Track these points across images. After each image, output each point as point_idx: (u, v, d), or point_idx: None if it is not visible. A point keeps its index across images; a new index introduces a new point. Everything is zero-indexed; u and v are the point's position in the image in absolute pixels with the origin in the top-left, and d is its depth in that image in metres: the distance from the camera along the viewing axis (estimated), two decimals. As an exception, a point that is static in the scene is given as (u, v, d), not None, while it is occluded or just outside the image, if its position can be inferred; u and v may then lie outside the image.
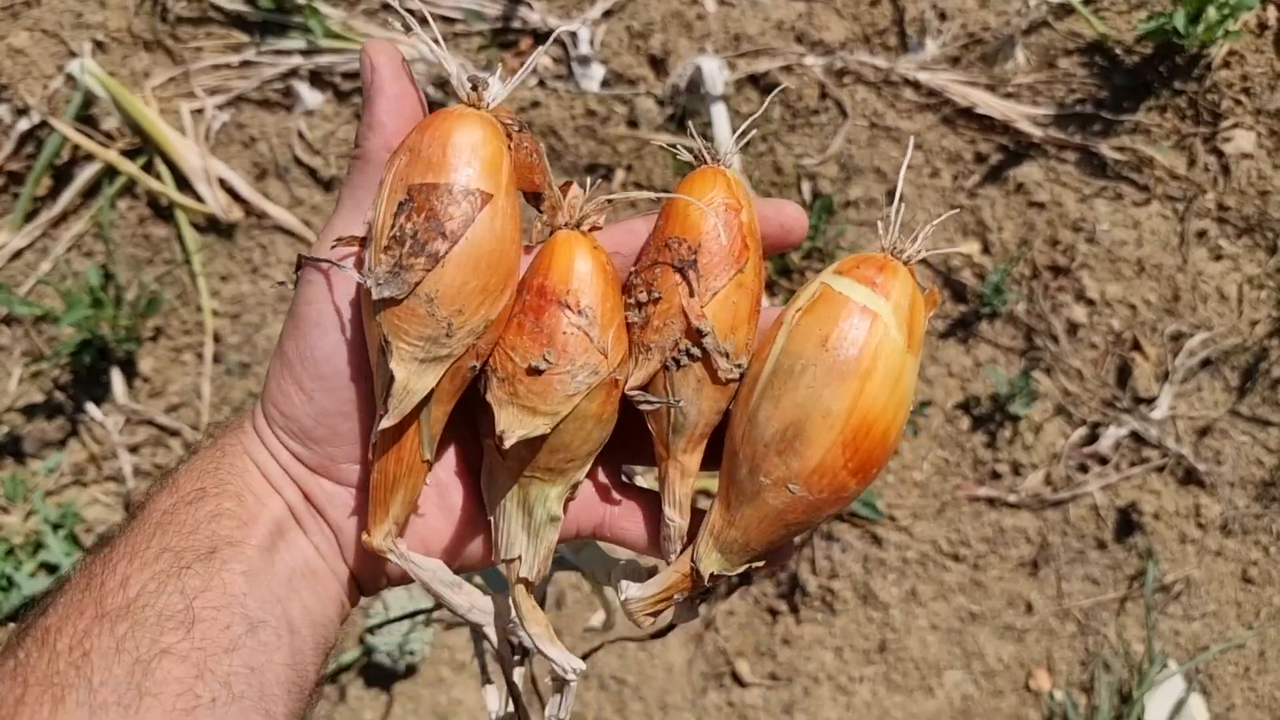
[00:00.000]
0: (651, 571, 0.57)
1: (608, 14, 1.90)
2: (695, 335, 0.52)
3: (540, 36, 1.90)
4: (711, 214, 0.52)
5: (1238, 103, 1.76)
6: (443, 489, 0.56)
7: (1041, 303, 1.73)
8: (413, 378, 0.49)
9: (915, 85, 1.83)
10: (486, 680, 0.75)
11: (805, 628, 1.65)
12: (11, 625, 1.70)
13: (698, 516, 0.56)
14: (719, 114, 1.79)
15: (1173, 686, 1.58)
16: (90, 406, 1.80)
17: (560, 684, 0.55)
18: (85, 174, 1.87)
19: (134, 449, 1.79)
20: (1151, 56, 1.80)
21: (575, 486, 0.54)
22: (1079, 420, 1.70)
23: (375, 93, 0.51)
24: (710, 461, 0.56)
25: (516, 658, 0.59)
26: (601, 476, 0.58)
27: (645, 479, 0.66)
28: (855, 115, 1.83)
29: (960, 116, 1.82)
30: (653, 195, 0.53)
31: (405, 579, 0.56)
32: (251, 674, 0.47)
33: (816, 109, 1.84)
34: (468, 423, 0.56)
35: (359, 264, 0.50)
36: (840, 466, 0.50)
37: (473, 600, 0.55)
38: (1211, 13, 1.69)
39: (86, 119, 1.87)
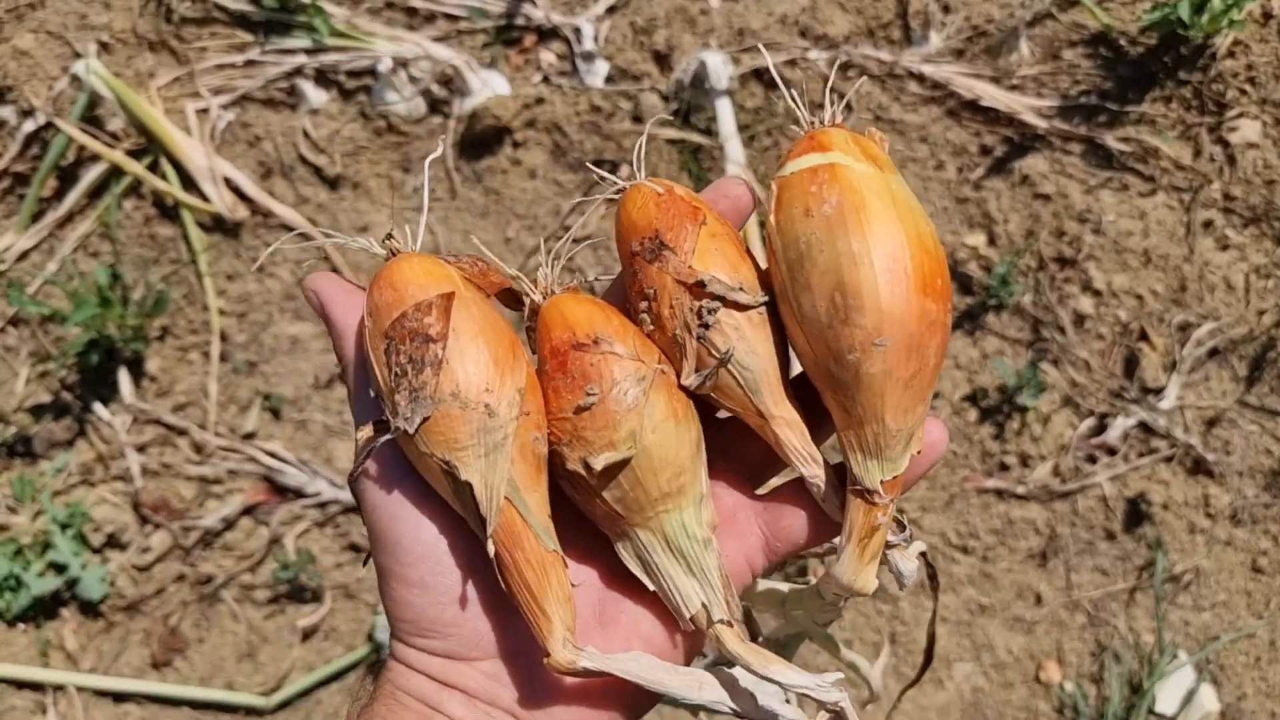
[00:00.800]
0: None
1: (611, 10, 1.90)
2: (701, 290, 0.51)
3: (544, 33, 1.90)
4: (649, 201, 0.53)
5: (1243, 92, 1.75)
6: (603, 609, 0.53)
7: (1048, 294, 1.73)
8: (488, 473, 0.48)
9: (920, 78, 1.83)
10: None
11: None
12: (21, 627, 1.71)
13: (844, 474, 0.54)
14: (723, 109, 1.79)
15: (1183, 677, 1.57)
16: (98, 406, 1.81)
17: (835, 713, 0.51)
18: (91, 174, 1.87)
19: (141, 448, 1.79)
20: (1156, 47, 1.80)
21: (705, 501, 0.52)
22: (1087, 411, 1.69)
23: (329, 308, 0.53)
24: (825, 429, 0.54)
25: (786, 700, 0.53)
26: (739, 504, 0.55)
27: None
28: (860, 109, 1.83)
29: (965, 109, 1.82)
30: (585, 219, 0.54)
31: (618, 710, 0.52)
32: None
33: (821, 103, 1.83)
34: (589, 537, 0.54)
35: (386, 428, 0.50)
36: (905, 292, 0.48)
37: (698, 679, 0.51)
38: (1216, 3, 1.68)
39: (92, 120, 1.88)
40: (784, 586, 0.64)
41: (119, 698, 1.70)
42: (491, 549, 0.49)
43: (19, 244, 1.87)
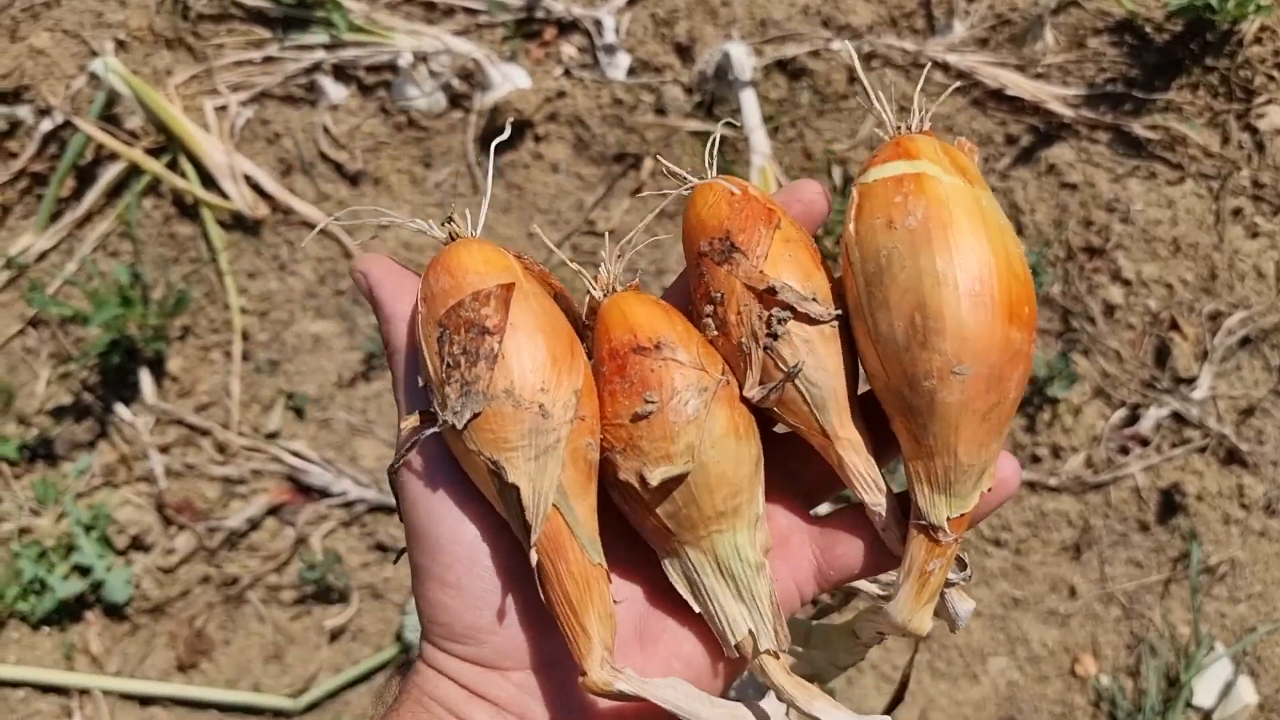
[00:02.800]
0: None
1: (632, 2, 1.88)
2: (771, 298, 0.49)
3: (564, 26, 1.89)
4: (721, 200, 0.50)
5: (1270, 78, 1.74)
6: (644, 627, 0.51)
7: (1077, 284, 1.72)
8: (536, 478, 0.46)
9: (944, 67, 1.81)
10: None
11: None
12: (45, 630, 1.70)
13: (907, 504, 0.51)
14: (748, 100, 1.78)
15: (1220, 669, 1.56)
16: (119, 407, 1.79)
17: None
18: (109, 173, 1.85)
19: (164, 449, 1.78)
20: (1182, 33, 1.78)
21: (760, 523, 0.50)
22: (1119, 402, 1.68)
23: (377, 290, 0.52)
24: (888, 452, 0.51)
25: None
26: (792, 527, 0.53)
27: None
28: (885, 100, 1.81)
29: (990, 98, 1.80)
30: (650, 219, 0.52)
31: None
32: None
33: (845, 94, 1.82)
34: (635, 548, 0.52)
35: (433, 420, 0.48)
36: (989, 319, 0.45)
37: (734, 713, 0.48)
38: (1245, -13, 1.67)
39: (110, 118, 1.86)
40: (812, 621, 0.61)
41: (145, 701, 1.69)
42: (534, 558, 0.46)
43: (38, 244, 1.85)
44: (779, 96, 1.82)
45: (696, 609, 0.50)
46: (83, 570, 1.70)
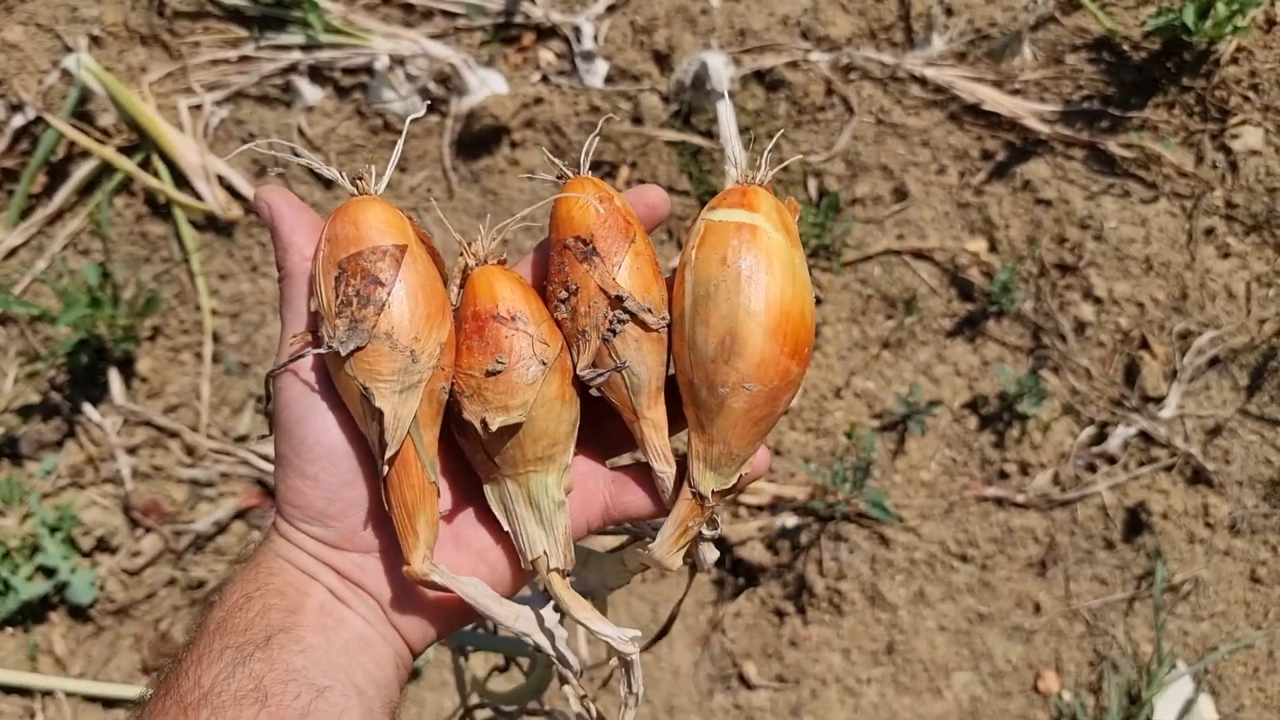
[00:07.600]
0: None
1: (611, 9, 1.88)
2: (618, 304, 0.60)
3: (543, 32, 1.88)
4: (592, 207, 0.60)
5: (1246, 99, 1.74)
6: (463, 538, 0.62)
7: (1049, 301, 1.72)
8: (398, 406, 0.56)
9: (922, 81, 1.81)
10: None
11: (813, 629, 1.64)
12: (8, 630, 1.68)
13: (684, 468, 0.63)
14: (724, 111, 1.77)
15: (1181, 687, 1.57)
16: (88, 407, 1.78)
17: (625, 662, 0.60)
18: (81, 171, 1.84)
19: (132, 450, 1.77)
20: (1159, 53, 1.79)
21: (567, 470, 0.62)
22: (1087, 419, 1.69)
23: (277, 222, 0.60)
24: (675, 424, 0.64)
25: (571, 664, 0.62)
26: (592, 472, 0.65)
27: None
28: (862, 112, 1.81)
29: (967, 113, 1.80)
30: (533, 210, 0.61)
31: (446, 628, 0.61)
32: None
33: (823, 105, 1.82)
34: (463, 471, 0.63)
35: (319, 343, 0.58)
36: (778, 354, 0.58)
37: (516, 611, 0.60)
38: (1220, 8, 1.67)
39: (82, 115, 1.84)
40: (590, 549, 0.75)
41: (108, 703, 1.68)
42: (385, 470, 0.57)
43: (7, 241, 1.84)
44: (756, 107, 1.82)
45: (506, 528, 0.62)
46: (47, 571, 1.69)
